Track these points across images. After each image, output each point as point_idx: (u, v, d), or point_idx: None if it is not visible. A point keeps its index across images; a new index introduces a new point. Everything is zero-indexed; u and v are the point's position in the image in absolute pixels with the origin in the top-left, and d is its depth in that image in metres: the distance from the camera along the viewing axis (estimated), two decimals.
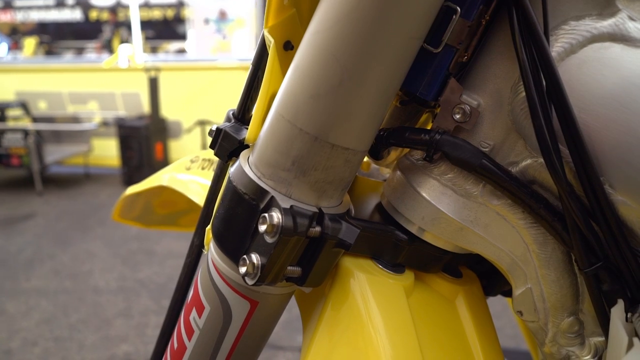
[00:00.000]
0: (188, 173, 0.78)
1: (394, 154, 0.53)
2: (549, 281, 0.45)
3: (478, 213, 0.45)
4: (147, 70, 5.44)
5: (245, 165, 0.44)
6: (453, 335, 0.50)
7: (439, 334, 0.49)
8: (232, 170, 0.45)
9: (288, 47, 0.48)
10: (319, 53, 0.39)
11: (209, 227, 0.49)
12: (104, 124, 5.73)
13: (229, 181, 0.45)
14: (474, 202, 0.45)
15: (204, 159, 0.77)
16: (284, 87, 0.42)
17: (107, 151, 5.81)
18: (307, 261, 0.43)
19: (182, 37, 11.36)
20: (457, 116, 0.43)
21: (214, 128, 0.50)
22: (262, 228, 0.40)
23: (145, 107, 5.58)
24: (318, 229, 0.42)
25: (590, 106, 0.40)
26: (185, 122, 5.51)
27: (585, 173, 0.39)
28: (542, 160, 0.43)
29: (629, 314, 0.42)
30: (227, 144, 0.48)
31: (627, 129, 0.39)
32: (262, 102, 0.47)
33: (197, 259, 0.58)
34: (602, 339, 0.46)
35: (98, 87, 5.77)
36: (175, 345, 0.51)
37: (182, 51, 10.76)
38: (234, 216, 0.43)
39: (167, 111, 5.48)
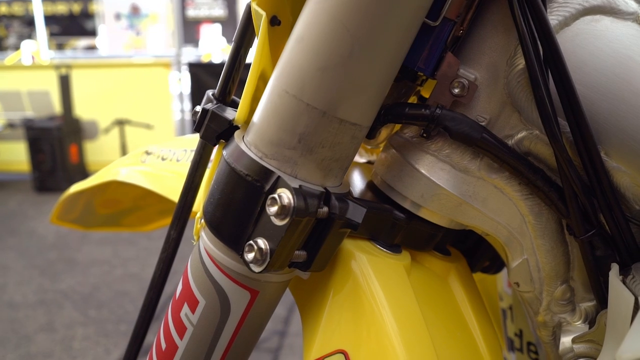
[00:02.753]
0: (146, 165, 0.73)
1: (384, 133, 0.52)
2: (544, 251, 0.46)
3: (476, 187, 0.45)
4: (56, 67, 5.09)
5: (243, 146, 0.41)
6: (451, 311, 0.50)
7: (439, 310, 0.48)
8: (226, 152, 0.42)
9: (275, 22, 0.46)
10: (327, 23, 0.37)
11: (198, 215, 0.46)
12: (10, 125, 5.30)
13: (225, 164, 0.42)
14: (472, 176, 0.45)
15: (162, 150, 0.73)
16: (286, 61, 0.39)
17: (14, 155, 5.37)
18: (312, 244, 0.41)
19: (92, 33, 10.74)
20: (456, 90, 0.43)
21: (197, 109, 0.47)
22: (272, 210, 0.38)
23: (57, 107, 5.22)
24: (325, 209, 0.40)
25: (584, 77, 0.41)
26: (102, 121, 5.21)
27: (582, 140, 0.41)
28: (537, 132, 0.44)
29: (621, 277, 0.43)
30: (215, 125, 0.45)
31: (621, 98, 0.40)
32: (253, 80, 0.45)
33: (174, 253, 0.54)
34: (591, 303, 0.48)
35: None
36: (164, 345, 0.47)
37: (92, 48, 10.18)
38: (233, 200, 0.41)
39: (82, 110, 5.16)
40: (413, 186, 0.46)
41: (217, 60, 6.84)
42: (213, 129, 0.45)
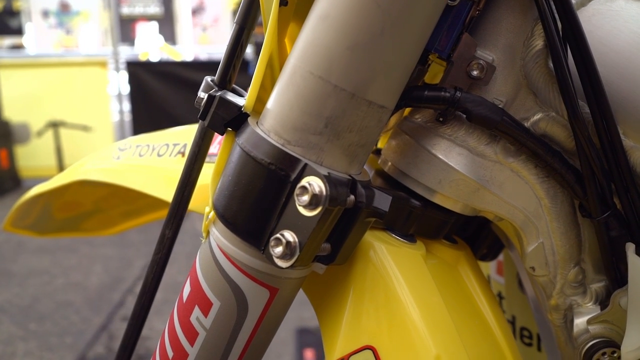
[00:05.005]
0: (121, 162, 0.67)
1: (394, 119, 0.50)
2: (559, 234, 0.46)
3: (493, 172, 0.45)
4: None
5: (262, 133, 0.38)
6: (466, 299, 0.49)
7: (455, 299, 0.48)
8: (241, 140, 0.39)
9: (282, 2, 0.43)
10: None
11: (208, 210, 0.43)
12: None
13: (242, 152, 0.39)
14: (488, 160, 0.45)
15: (138, 145, 0.67)
16: (309, 40, 0.37)
17: None
18: (337, 236, 0.39)
19: (17, 31, 10.12)
20: (475, 72, 0.42)
21: (202, 96, 0.43)
22: (303, 200, 0.35)
23: None
24: (352, 197, 0.38)
25: (602, 58, 0.41)
26: (35, 124, 4.91)
27: (602, 118, 0.41)
28: (553, 114, 0.44)
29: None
30: (223, 112, 0.42)
31: (639, 78, 0.41)
32: (263, 64, 0.42)
33: (168, 254, 0.50)
34: (601, 284, 0.48)
35: None
36: (171, 353, 0.43)
37: (18, 47, 9.58)
38: (252, 191, 0.38)
39: (12, 113, 4.84)
40: (430, 172, 0.45)
41: (155, 59, 6.64)
42: (221, 117, 0.42)
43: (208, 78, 0.46)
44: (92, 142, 4.72)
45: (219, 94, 0.42)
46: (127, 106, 5.16)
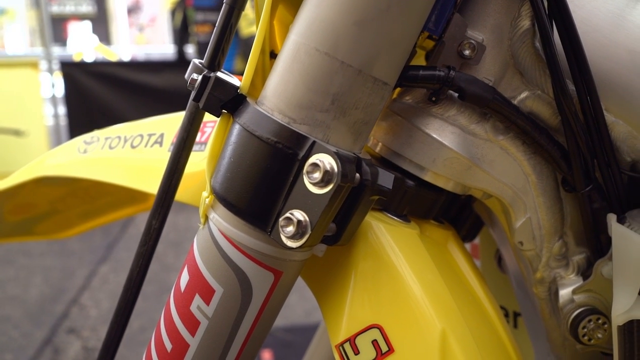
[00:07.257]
0: (90, 156, 0.64)
1: None
2: (545, 208, 0.48)
3: (484, 149, 0.46)
4: None
5: (266, 112, 0.38)
6: (456, 276, 0.50)
7: (448, 275, 0.48)
8: (243, 120, 0.38)
9: None
10: None
11: (206, 194, 0.41)
12: None
13: (244, 132, 0.38)
14: (479, 138, 0.46)
15: (108, 137, 0.64)
16: (313, 17, 0.36)
17: None
18: (342, 215, 0.39)
19: None
20: (467, 52, 0.43)
21: (195, 77, 0.42)
22: (314, 177, 0.34)
23: None
24: (358, 176, 0.38)
25: (584, 37, 0.43)
26: None
27: (586, 93, 0.42)
28: (539, 92, 0.45)
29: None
30: (219, 93, 0.40)
31: (618, 57, 0.43)
32: (258, 46, 0.41)
33: (155, 245, 0.48)
34: (582, 256, 0.51)
35: None
36: (170, 346, 0.42)
37: None
38: (257, 172, 0.37)
39: None
40: (424, 151, 0.45)
41: (89, 59, 6.38)
42: (217, 98, 0.40)
43: (196, 60, 0.45)
44: (26, 147, 4.47)
45: (213, 74, 0.41)
46: (62, 109, 4.92)
